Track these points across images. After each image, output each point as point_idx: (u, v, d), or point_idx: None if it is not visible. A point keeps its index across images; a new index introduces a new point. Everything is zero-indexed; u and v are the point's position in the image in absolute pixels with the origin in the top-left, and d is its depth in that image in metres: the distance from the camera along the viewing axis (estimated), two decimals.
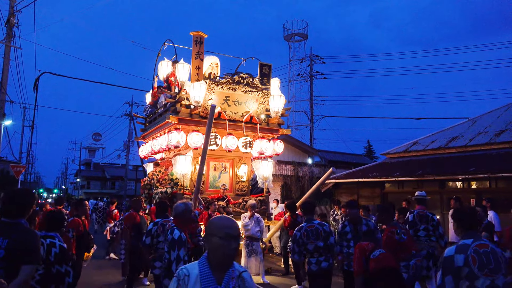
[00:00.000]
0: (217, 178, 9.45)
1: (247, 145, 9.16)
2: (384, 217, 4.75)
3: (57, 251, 3.27)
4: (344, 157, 24.56)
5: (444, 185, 10.37)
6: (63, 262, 3.30)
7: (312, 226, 5.15)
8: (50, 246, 3.25)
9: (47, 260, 3.22)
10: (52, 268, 3.26)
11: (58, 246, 3.30)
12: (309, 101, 27.82)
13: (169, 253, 3.85)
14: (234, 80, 8.70)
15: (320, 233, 5.10)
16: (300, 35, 28.66)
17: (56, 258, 3.26)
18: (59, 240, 3.36)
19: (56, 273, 3.28)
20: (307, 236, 5.08)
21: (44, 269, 3.25)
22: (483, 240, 2.86)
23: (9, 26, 15.64)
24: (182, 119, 8.54)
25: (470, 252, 2.71)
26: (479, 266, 2.66)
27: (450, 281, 2.70)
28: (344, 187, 13.05)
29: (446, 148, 11.32)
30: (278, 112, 9.32)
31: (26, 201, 3.12)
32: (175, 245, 3.85)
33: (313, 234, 5.09)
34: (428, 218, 5.88)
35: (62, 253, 3.31)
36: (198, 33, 9.00)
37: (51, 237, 3.33)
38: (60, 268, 3.29)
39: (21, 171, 16.32)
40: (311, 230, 5.12)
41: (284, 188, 16.62)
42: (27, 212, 3.12)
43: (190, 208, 4.28)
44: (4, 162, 23.24)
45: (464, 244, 2.78)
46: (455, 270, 2.70)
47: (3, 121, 15.13)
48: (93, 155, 63.51)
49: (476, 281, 2.65)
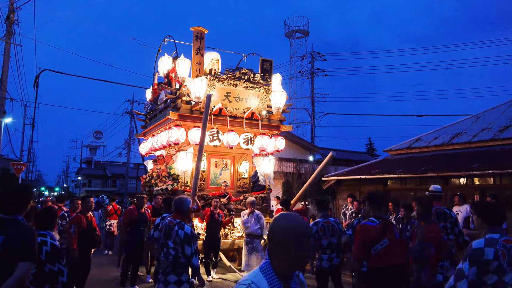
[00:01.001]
0: (218, 175, 9.36)
1: (249, 142, 9.08)
2: (426, 215, 4.53)
3: (48, 250, 3.17)
4: (346, 155, 24.44)
5: (447, 182, 10.26)
6: (55, 261, 3.21)
7: (328, 222, 5.26)
8: (41, 245, 3.15)
9: (38, 259, 3.14)
10: (44, 267, 3.18)
11: (50, 245, 3.21)
12: (310, 98, 27.72)
13: (183, 248, 3.93)
14: (235, 75, 8.60)
15: (336, 230, 5.24)
16: (301, 31, 28.52)
17: (47, 257, 3.17)
18: (51, 238, 3.27)
19: (48, 272, 3.20)
20: (323, 232, 5.17)
21: (37, 269, 3.17)
22: (508, 236, 2.83)
23: (9, 23, 15.57)
24: (183, 115, 8.46)
25: (499, 247, 2.69)
26: (508, 261, 2.65)
27: (474, 273, 2.67)
28: (346, 184, 12.94)
29: (449, 145, 11.21)
30: (280, 108, 9.24)
31: (23, 197, 3.04)
32: (190, 240, 3.99)
33: (329, 230, 5.20)
34: (446, 215, 5.58)
35: (53, 251, 3.22)
36: (199, 29, 8.91)
37: (42, 235, 3.23)
38: (52, 267, 3.20)
39: (21, 169, 16.27)
40: (328, 226, 5.23)
41: (285, 185, 16.54)
42: (24, 208, 3.04)
43: (190, 203, 4.37)
44: (5, 160, 23.19)
45: (492, 238, 2.74)
46: (483, 263, 2.67)
47: (3, 118, 15.07)
48: (94, 153, 63.52)
49: (505, 275, 2.63)
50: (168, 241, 4.09)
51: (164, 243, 4.13)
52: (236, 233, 8.73)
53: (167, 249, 4.08)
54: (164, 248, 4.11)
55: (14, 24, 15.84)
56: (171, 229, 4.10)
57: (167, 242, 4.10)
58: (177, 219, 4.16)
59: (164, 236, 4.17)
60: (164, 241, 4.13)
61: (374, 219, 3.83)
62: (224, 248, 8.23)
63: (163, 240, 4.16)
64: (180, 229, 4.01)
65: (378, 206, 4.03)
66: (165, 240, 4.12)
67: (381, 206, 4.03)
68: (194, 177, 7.51)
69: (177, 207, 4.27)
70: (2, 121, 14.95)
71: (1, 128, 14.93)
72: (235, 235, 8.71)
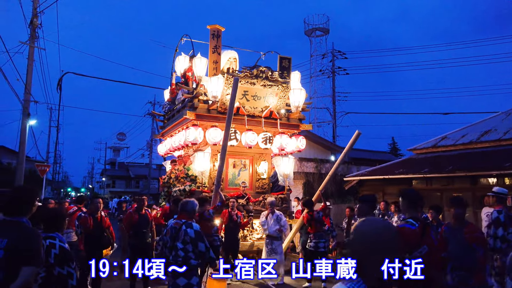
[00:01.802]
0: (237, 175, 9.20)
1: (267, 141, 8.88)
2: (461, 215, 4.17)
3: (56, 252, 3.09)
4: (368, 154, 23.94)
5: (476, 182, 9.78)
6: (64, 264, 3.12)
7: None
8: (49, 248, 3.07)
9: (47, 262, 3.04)
10: (54, 271, 3.09)
11: (58, 247, 3.12)
12: (331, 98, 27.29)
13: (196, 245, 3.89)
14: (253, 74, 8.40)
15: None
16: (321, 29, 28.10)
17: (56, 260, 3.08)
18: (60, 240, 3.18)
19: (58, 276, 3.10)
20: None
21: (46, 272, 3.08)
22: None
23: (32, 27, 15.90)
24: (200, 115, 8.34)
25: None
26: None
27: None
28: (368, 184, 12.57)
29: (478, 143, 10.69)
30: (299, 106, 9.00)
31: (27, 198, 2.95)
32: (202, 236, 3.98)
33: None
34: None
35: (62, 254, 3.12)
36: (215, 27, 8.78)
37: (50, 237, 3.14)
38: (61, 270, 3.11)
39: (45, 170, 16.61)
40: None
41: (306, 185, 16.28)
42: (28, 210, 2.95)
43: (196, 204, 4.33)
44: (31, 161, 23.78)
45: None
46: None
47: (28, 121, 15.40)
48: (117, 154, 64.70)
49: None
50: (176, 243, 3.96)
51: (172, 246, 3.99)
52: (256, 235, 8.55)
53: (175, 251, 3.95)
54: (172, 251, 3.98)
55: (38, 28, 16.17)
56: (178, 230, 4.00)
57: (175, 244, 3.97)
58: (183, 219, 4.09)
59: (171, 239, 4.03)
60: (172, 244, 3.99)
61: (413, 221, 3.30)
62: (243, 250, 8.05)
63: (171, 243, 4.02)
64: (189, 228, 3.98)
65: (415, 205, 3.50)
66: (173, 242, 3.99)
67: (419, 206, 3.52)
68: (218, 170, 7.33)
69: (182, 207, 4.22)
70: (27, 123, 15.28)
71: (26, 130, 15.26)
72: (254, 236, 8.53)
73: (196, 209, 4.30)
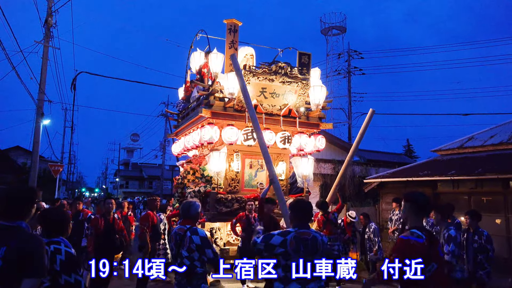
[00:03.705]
0: (253, 176, 8.80)
1: (286, 141, 8.46)
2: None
3: (62, 259, 2.73)
4: (384, 156, 23.40)
5: (508, 185, 9.18)
6: (71, 271, 2.76)
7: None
8: (54, 254, 2.71)
9: (52, 269, 2.69)
10: (60, 279, 2.73)
11: (64, 253, 2.76)
12: (347, 98, 26.72)
13: (203, 252, 3.65)
14: (271, 70, 7.99)
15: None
16: (338, 28, 27.57)
17: (62, 267, 2.72)
18: (66, 245, 2.82)
19: (64, 285, 2.74)
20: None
21: (50, 281, 2.72)
22: None
23: (47, 26, 15.79)
24: (216, 113, 7.97)
25: None
26: None
27: None
28: (389, 187, 12.05)
29: (508, 144, 10.08)
30: (319, 104, 8.56)
31: (26, 200, 2.60)
32: (209, 242, 3.78)
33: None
34: None
35: (69, 260, 2.76)
36: (232, 21, 8.42)
37: (55, 242, 2.79)
38: (68, 279, 2.74)
39: (59, 170, 16.49)
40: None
41: (323, 187, 15.77)
42: (27, 213, 2.60)
43: (198, 207, 3.99)
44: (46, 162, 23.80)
45: None
46: None
47: (42, 120, 15.29)
48: (131, 155, 65.06)
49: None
50: (181, 250, 3.66)
51: (177, 254, 3.70)
52: None
53: (180, 259, 3.66)
54: (177, 259, 3.68)
55: (52, 28, 16.07)
56: (182, 236, 3.69)
57: (180, 252, 3.67)
58: (187, 225, 3.79)
59: (176, 246, 3.73)
60: (177, 252, 3.69)
61: (419, 233, 2.73)
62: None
63: (175, 250, 3.72)
64: (194, 235, 3.67)
65: (424, 213, 2.94)
66: (178, 250, 3.69)
67: (426, 213, 3.07)
68: (269, 171, 6.80)
69: (184, 211, 3.86)
70: (40, 123, 15.17)
71: (40, 129, 15.15)
72: None
73: (199, 211, 3.95)
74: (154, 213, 7.13)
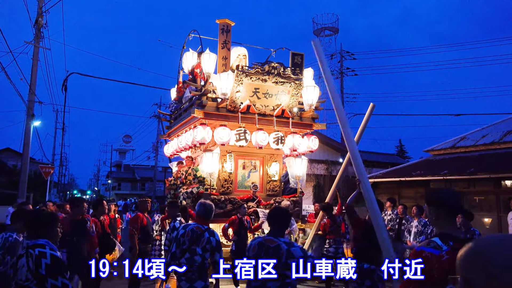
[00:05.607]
0: (246, 177, 8.75)
1: (279, 141, 8.42)
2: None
3: (48, 262, 2.65)
4: (376, 157, 23.52)
5: (499, 184, 9.26)
6: (58, 275, 2.68)
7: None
8: (39, 258, 2.63)
9: (37, 274, 2.61)
10: (46, 283, 2.65)
11: (49, 256, 2.68)
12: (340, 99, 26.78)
13: (214, 254, 3.93)
14: (264, 70, 7.95)
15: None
16: (330, 29, 27.65)
17: (48, 271, 2.64)
18: (51, 248, 2.74)
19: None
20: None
21: (37, 286, 2.64)
22: None
23: (37, 27, 15.61)
24: (208, 113, 7.91)
25: None
26: None
27: None
28: (383, 187, 12.08)
29: (500, 143, 10.16)
30: (312, 104, 8.54)
31: None
32: (221, 245, 4.07)
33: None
34: None
35: (55, 263, 2.68)
36: (225, 21, 8.36)
37: (39, 245, 2.71)
38: (55, 282, 2.67)
39: (50, 172, 16.28)
40: None
41: (316, 188, 15.78)
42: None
43: (214, 208, 4.31)
44: (36, 163, 23.52)
45: None
46: None
47: (32, 122, 15.10)
48: (123, 157, 64.55)
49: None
50: (196, 247, 3.88)
51: (188, 249, 3.89)
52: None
53: (190, 255, 3.86)
54: (186, 253, 3.88)
55: (43, 28, 15.88)
56: (199, 235, 3.91)
57: (193, 248, 3.88)
58: (205, 225, 4.06)
59: (189, 242, 3.92)
60: (189, 247, 3.89)
61: (439, 242, 2.12)
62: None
63: (188, 245, 3.90)
64: (212, 236, 3.96)
65: (453, 216, 2.31)
66: (190, 245, 3.89)
67: (456, 216, 2.43)
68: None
69: (204, 213, 4.14)
70: (31, 124, 14.99)
71: (30, 131, 14.97)
72: None
73: (210, 212, 4.22)
74: (144, 214, 7.07)
